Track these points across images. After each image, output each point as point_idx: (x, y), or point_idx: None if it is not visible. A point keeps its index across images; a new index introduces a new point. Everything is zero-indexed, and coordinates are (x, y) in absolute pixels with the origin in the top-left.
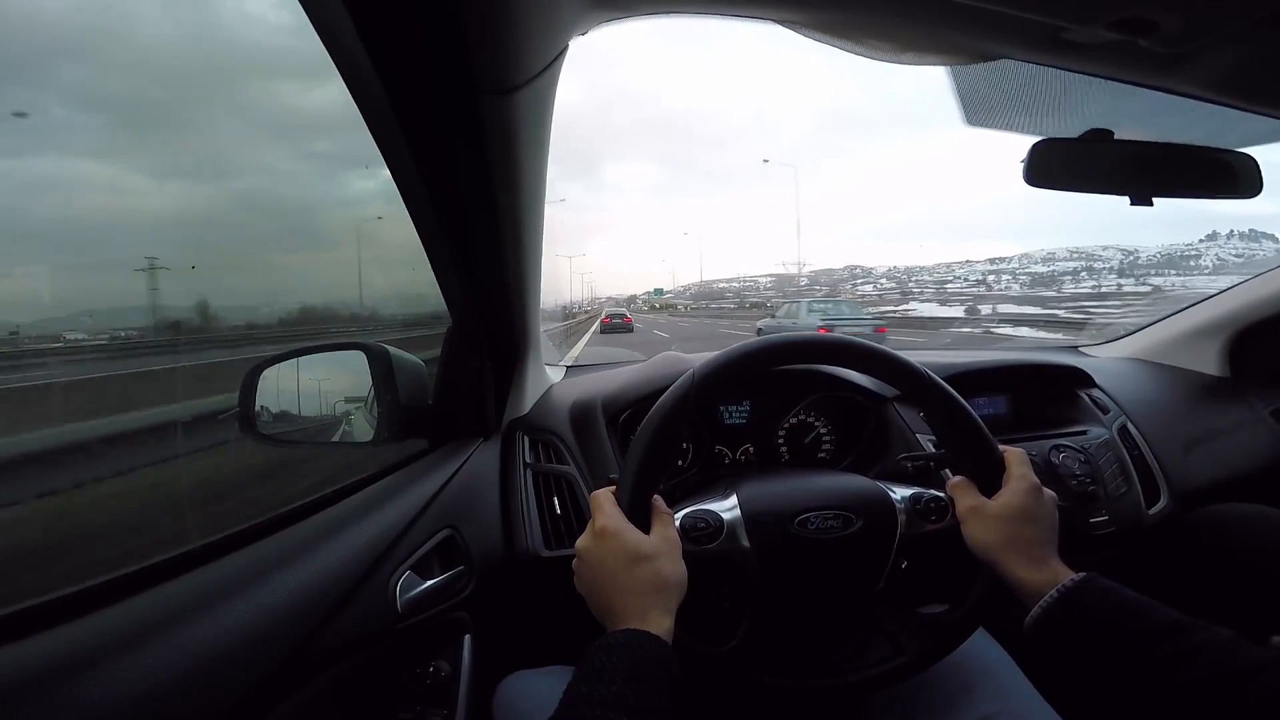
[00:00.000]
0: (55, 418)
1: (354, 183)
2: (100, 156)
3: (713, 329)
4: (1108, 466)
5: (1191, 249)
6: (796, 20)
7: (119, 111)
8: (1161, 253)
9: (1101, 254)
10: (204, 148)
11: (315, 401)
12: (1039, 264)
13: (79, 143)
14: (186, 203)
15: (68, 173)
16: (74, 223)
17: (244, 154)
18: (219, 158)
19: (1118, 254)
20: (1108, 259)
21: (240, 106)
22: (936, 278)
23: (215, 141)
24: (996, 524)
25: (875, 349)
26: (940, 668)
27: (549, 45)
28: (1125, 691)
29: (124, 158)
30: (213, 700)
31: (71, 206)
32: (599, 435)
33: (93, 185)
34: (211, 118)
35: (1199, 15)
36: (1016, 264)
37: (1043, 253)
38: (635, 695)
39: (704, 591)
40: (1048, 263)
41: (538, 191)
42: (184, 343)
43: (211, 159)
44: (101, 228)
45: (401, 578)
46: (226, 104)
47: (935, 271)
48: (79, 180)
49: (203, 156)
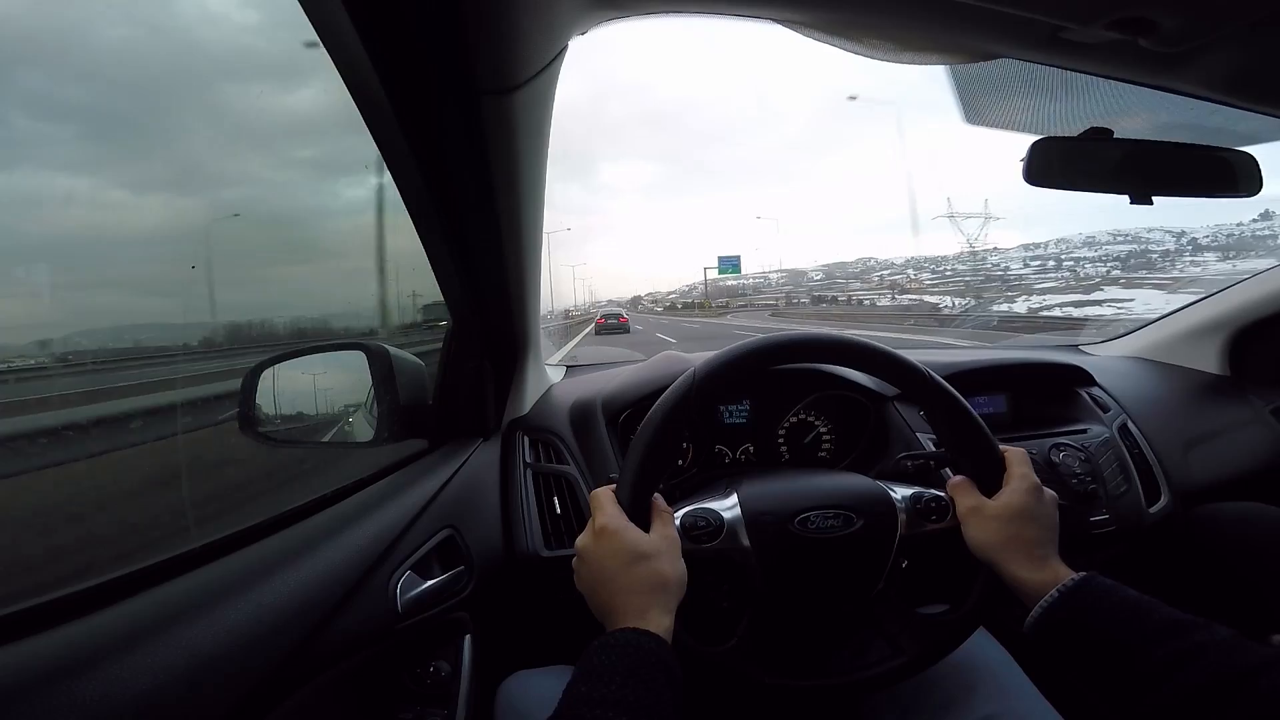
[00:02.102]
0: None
1: (343, 190)
2: (78, 169)
3: None
4: (1108, 465)
5: (1250, 229)
6: (796, 20)
7: (90, 121)
8: (1215, 234)
9: (1147, 236)
10: (185, 155)
11: (315, 401)
12: (1082, 248)
13: (52, 155)
14: (173, 215)
15: (47, 187)
16: (64, 239)
17: (229, 161)
18: (202, 166)
19: (1166, 236)
20: (1157, 241)
21: (220, 110)
22: (971, 267)
23: (197, 149)
24: (997, 524)
25: (875, 348)
26: (941, 668)
27: (548, 45)
28: (1128, 691)
29: (104, 169)
30: (212, 700)
31: (59, 223)
32: (599, 435)
33: (72, 199)
34: (188, 123)
35: (1199, 15)
36: (1055, 249)
37: (1081, 237)
38: (635, 695)
39: (704, 591)
40: (1091, 246)
41: (537, 191)
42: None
43: (194, 167)
44: (90, 244)
45: (402, 578)
46: (205, 108)
47: (964, 260)
48: (59, 195)
49: (184, 165)
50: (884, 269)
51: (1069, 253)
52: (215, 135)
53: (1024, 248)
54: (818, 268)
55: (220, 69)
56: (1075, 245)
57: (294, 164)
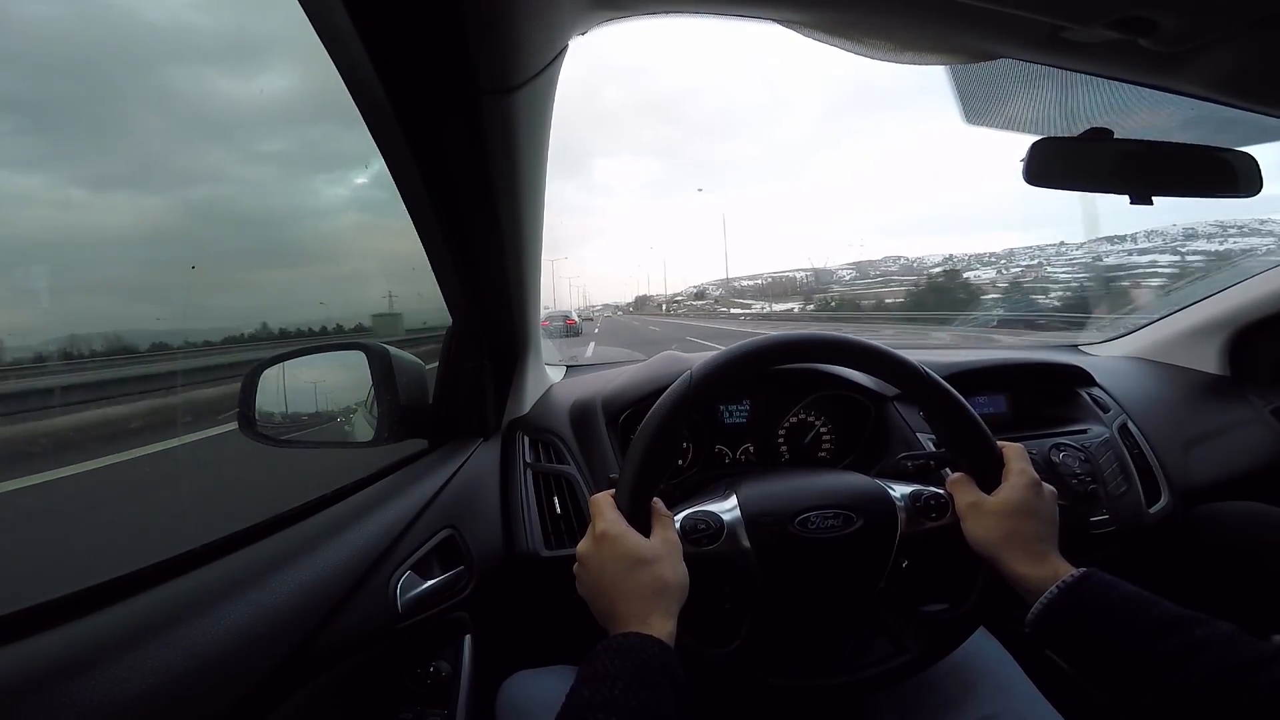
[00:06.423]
0: None
1: (341, 191)
2: (25, 166)
3: None
4: (1108, 465)
5: None
6: (796, 20)
7: (29, 113)
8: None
9: (1169, 231)
10: (142, 149)
11: (315, 401)
12: (1117, 252)
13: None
14: (139, 215)
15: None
16: (28, 242)
17: (193, 156)
18: (162, 160)
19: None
20: (1172, 237)
21: (219, 109)
22: (998, 267)
23: (155, 142)
24: (996, 519)
25: (875, 348)
26: (941, 667)
27: (548, 45)
28: (1129, 687)
29: (51, 165)
30: (213, 701)
31: (13, 225)
32: (599, 435)
33: (30, 200)
34: (147, 114)
35: (1199, 15)
36: (1084, 252)
37: (1179, 229)
38: (638, 699)
39: (705, 593)
40: (1119, 244)
41: (537, 191)
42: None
43: (154, 162)
44: (59, 246)
45: (402, 578)
46: (206, 109)
47: (986, 260)
48: (10, 195)
49: (144, 161)
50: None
51: (1172, 244)
52: (196, 131)
53: (1058, 245)
54: (845, 265)
55: (217, 67)
56: (1174, 238)
57: (294, 164)
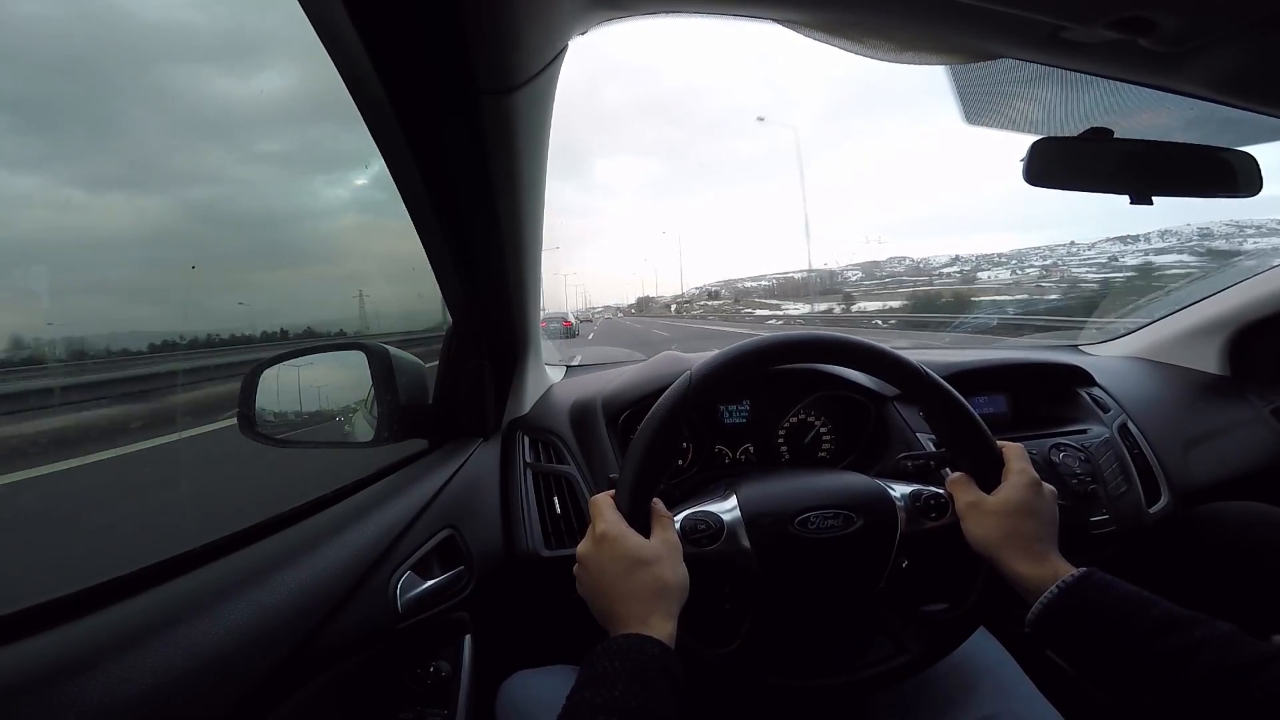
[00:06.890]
0: None
1: (341, 191)
2: (24, 167)
3: None
4: (1108, 465)
5: None
6: (796, 20)
7: (27, 112)
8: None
9: (1183, 230)
10: (141, 149)
11: (315, 401)
12: (1131, 251)
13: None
14: (138, 215)
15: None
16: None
17: (193, 156)
18: (160, 160)
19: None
20: (1187, 236)
21: (217, 109)
22: (1010, 268)
23: (154, 142)
24: (996, 519)
25: (875, 348)
26: (941, 667)
27: (548, 45)
28: (1129, 686)
29: (49, 165)
30: (213, 701)
31: (12, 226)
32: (599, 435)
33: (28, 200)
34: (146, 114)
35: (1199, 15)
36: (1094, 252)
37: (1193, 228)
38: (638, 701)
39: (706, 593)
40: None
41: (537, 191)
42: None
43: (152, 162)
44: (59, 246)
45: (402, 578)
46: (203, 109)
47: (996, 261)
48: (9, 195)
49: (143, 161)
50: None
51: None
52: (195, 131)
53: (1068, 246)
54: (854, 265)
55: (216, 66)
56: (1189, 238)
57: (294, 164)
